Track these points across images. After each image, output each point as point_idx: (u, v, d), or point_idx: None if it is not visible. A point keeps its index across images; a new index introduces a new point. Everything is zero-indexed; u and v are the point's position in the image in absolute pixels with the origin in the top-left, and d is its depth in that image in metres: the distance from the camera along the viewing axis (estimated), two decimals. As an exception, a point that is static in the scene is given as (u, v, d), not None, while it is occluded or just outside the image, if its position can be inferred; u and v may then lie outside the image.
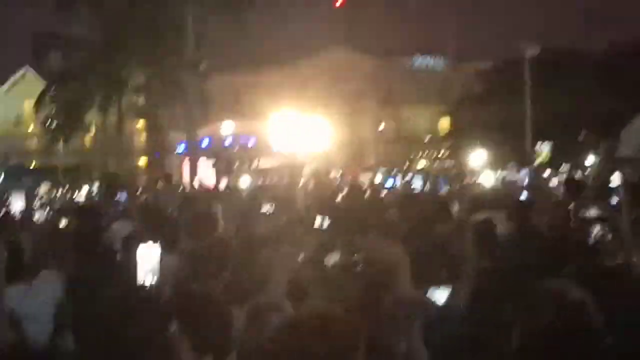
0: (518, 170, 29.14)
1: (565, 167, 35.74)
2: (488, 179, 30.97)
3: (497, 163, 44.75)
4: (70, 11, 38.37)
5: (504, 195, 14.74)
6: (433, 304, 4.76)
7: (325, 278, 4.55)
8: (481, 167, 45.00)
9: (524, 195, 15.78)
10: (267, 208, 13.34)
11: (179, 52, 37.18)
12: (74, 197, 35.97)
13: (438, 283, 6.19)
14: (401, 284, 4.15)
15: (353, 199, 14.72)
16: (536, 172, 26.99)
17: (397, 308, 4.10)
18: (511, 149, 47.60)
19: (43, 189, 37.43)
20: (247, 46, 58.72)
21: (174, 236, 9.06)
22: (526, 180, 27.29)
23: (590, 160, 44.39)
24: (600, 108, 52.00)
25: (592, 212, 6.69)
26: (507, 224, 9.35)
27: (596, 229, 6.38)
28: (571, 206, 8.50)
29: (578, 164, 43.49)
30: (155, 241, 5.27)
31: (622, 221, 6.17)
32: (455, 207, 12.44)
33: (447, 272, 5.92)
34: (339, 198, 17.43)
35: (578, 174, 33.17)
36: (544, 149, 30.01)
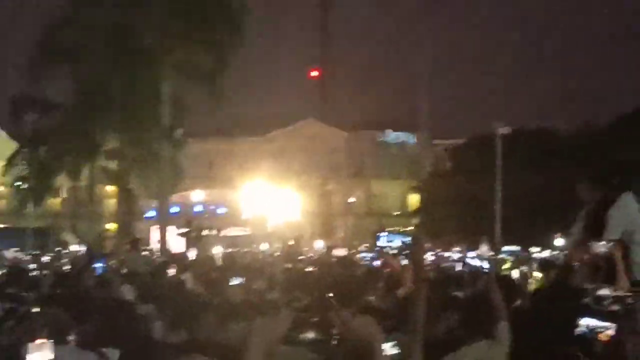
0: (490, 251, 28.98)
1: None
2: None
3: (467, 240, 44.79)
4: (48, 75, 38.44)
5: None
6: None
7: (301, 354, 4.58)
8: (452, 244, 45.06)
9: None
10: (237, 280, 13.30)
11: (154, 119, 37.30)
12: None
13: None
14: (378, 360, 4.20)
15: (328, 273, 14.71)
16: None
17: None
18: (481, 227, 47.66)
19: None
20: (221, 115, 59.13)
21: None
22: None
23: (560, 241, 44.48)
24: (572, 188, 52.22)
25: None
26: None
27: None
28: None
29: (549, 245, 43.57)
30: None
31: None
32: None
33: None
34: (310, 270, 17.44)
35: (547, 254, 33.24)
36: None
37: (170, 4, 36.81)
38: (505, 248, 36.02)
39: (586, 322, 6.46)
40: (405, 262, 11.98)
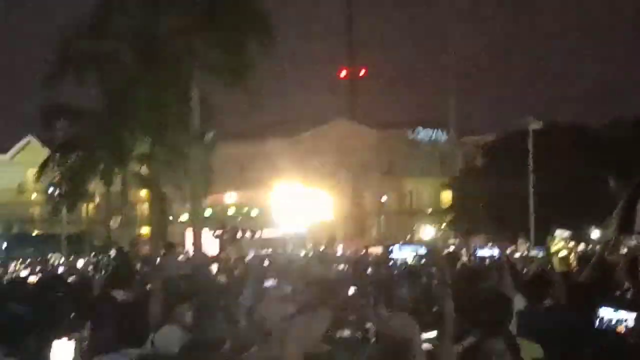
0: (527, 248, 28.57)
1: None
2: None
3: (499, 237, 44.59)
4: (75, 82, 38.49)
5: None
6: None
7: (340, 352, 4.57)
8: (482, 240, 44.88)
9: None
10: (270, 282, 13.29)
11: (184, 122, 37.24)
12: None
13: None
14: (416, 357, 4.19)
15: (365, 272, 14.71)
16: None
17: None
18: (515, 223, 47.37)
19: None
20: (252, 117, 59.20)
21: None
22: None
23: (596, 234, 44.37)
24: (603, 182, 51.81)
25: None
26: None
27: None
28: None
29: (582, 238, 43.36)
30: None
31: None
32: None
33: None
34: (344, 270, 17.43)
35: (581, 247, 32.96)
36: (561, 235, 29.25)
37: (195, 7, 36.83)
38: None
39: (604, 314, 6.41)
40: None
